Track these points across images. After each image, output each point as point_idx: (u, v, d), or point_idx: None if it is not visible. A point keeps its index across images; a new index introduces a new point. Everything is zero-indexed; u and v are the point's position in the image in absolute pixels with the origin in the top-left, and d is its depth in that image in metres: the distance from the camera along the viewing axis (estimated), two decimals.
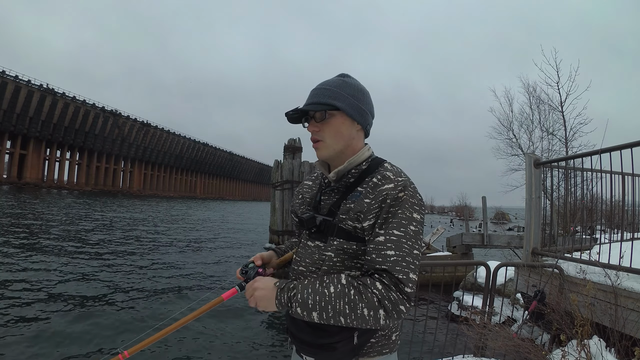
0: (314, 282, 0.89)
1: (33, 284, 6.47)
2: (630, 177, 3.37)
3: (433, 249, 10.95)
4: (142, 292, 6.65)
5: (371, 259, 0.88)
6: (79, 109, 63.65)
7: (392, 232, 0.87)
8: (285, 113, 0.99)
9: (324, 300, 0.85)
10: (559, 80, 9.93)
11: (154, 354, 4.21)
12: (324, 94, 0.96)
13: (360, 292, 0.84)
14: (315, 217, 0.99)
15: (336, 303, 0.84)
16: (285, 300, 0.89)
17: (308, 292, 0.87)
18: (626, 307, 2.39)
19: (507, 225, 37.09)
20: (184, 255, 10.95)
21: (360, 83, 1.02)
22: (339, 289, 0.85)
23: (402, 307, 0.83)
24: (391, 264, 0.85)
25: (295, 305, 0.87)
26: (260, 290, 0.92)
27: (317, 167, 1.08)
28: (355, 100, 0.97)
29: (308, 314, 0.86)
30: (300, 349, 1.00)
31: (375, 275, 0.86)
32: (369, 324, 0.84)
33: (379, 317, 0.82)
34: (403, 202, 0.89)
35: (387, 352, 0.98)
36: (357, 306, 0.83)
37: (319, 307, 0.85)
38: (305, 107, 0.96)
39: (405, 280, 0.84)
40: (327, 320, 0.85)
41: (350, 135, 0.99)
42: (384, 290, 0.83)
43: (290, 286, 0.90)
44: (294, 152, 12.54)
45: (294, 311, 0.88)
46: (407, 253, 0.86)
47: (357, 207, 0.92)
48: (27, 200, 28.57)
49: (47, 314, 5.09)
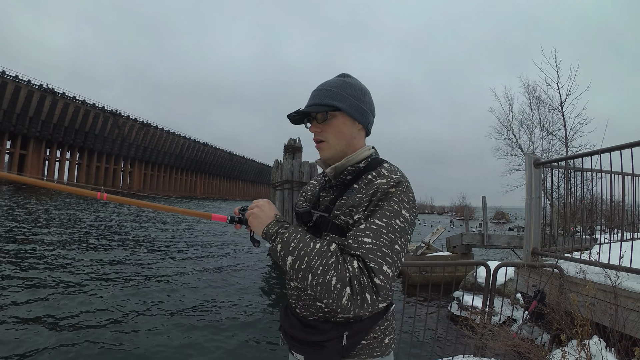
0: (305, 233, 0.92)
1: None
2: (630, 177, 3.37)
3: (433, 249, 10.96)
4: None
5: (348, 244, 0.88)
6: (79, 109, 63.64)
7: (373, 221, 0.87)
8: (288, 115, 1.00)
9: (304, 250, 0.86)
10: (559, 80, 9.95)
11: (153, 352, 4.21)
12: (324, 95, 0.97)
13: (338, 262, 0.84)
14: (311, 212, 1.00)
15: (313, 258, 0.84)
16: (272, 231, 0.93)
17: (295, 236, 0.89)
18: (626, 307, 2.39)
19: (507, 225, 37.09)
20: (183, 253, 10.95)
21: (360, 82, 1.03)
22: (323, 249, 0.86)
23: (368, 296, 0.81)
24: (365, 251, 0.84)
25: (278, 240, 0.90)
26: (262, 210, 0.97)
27: (318, 164, 1.09)
28: (355, 100, 0.99)
29: (284, 256, 0.88)
30: (291, 346, 1.01)
31: (353, 256, 0.85)
32: (332, 297, 0.82)
33: (343, 295, 0.81)
34: (392, 196, 0.89)
35: (379, 355, 0.97)
36: (329, 272, 0.82)
37: (297, 253, 0.86)
38: (306, 109, 0.97)
39: (376, 270, 0.82)
40: (296, 272, 0.86)
41: (351, 135, 1.01)
42: (357, 270, 0.82)
43: (285, 225, 0.94)
44: (294, 152, 12.54)
45: (274, 246, 0.90)
46: (384, 244, 0.84)
47: (350, 201, 0.94)
48: (26, 200, 28.57)
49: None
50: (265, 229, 0.94)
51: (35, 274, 7.11)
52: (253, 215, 0.97)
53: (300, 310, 0.99)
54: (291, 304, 1.04)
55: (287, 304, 1.07)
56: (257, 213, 0.97)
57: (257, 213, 0.97)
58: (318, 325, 0.94)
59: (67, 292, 6.15)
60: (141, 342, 4.48)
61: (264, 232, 0.95)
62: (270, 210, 0.98)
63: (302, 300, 0.99)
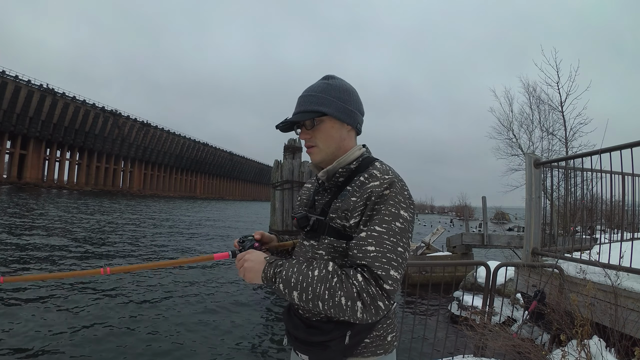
0: (300, 263, 0.91)
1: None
2: (630, 177, 3.37)
3: (433, 249, 10.95)
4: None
5: (352, 254, 0.89)
6: (79, 109, 63.65)
7: (373, 228, 0.88)
8: (276, 126, 1.01)
9: (306, 281, 0.86)
10: (559, 80, 9.95)
11: (154, 351, 4.21)
12: (310, 101, 0.98)
13: (342, 281, 0.84)
14: (308, 216, 1.01)
15: (317, 286, 0.85)
16: (270, 274, 0.91)
17: (293, 270, 0.89)
18: (626, 307, 2.39)
19: (507, 225, 37.07)
20: (181, 253, 10.95)
21: (345, 82, 1.03)
22: (323, 273, 0.86)
23: (381, 304, 0.83)
24: (371, 260, 0.85)
25: (278, 281, 0.89)
26: (250, 262, 0.95)
27: (311, 168, 1.11)
28: (341, 102, 0.99)
29: (289, 292, 0.88)
30: (295, 347, 1.02)
31: (357, 268, 0.87)
32: (347, 315, 0.84)
33: (356, 310, 0.82)
34: (388, 199, 0.89)
35: (382, 353, 0.98)
36: (336, 293, 0.83)
37: (300, 287, 0.86)
38: (293, 119, 0.98)
39: (384, 276, 0.84)
40: (305, 303, 0.87)
41: (341, 137, 1.01)
42: (363, 283, 0.83)
43: (279, 262, 0.93)
44: (294, 152, 12.55)
45: (277, 287, 0.90)
46: (388, 249, 0.86)
47: (344, 205, 0.94)
48: (24, 200, 28.56)
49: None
50: (262, 276, 0.93)
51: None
52: (246, 270, 0.96)
53: (303, 311, 0.99)
54: (293, 305, 1.03)
55: (290, 305, 1.06)
56: (248, 266, 0.95)
57: (248, 266, 0.95)
58: (321, 326, 0.94)
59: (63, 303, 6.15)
60: (142, 342, 4.48)
61: (263, 280, 0.94)
62: (257, 257, 0.96)
63: None
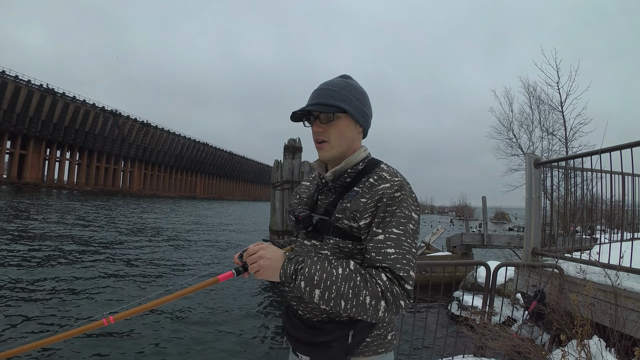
0: (322, 260, 0.89)
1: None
2: (630, 177, 3.37)
3: (433, 249, 10.95)
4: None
5: (371, 257, 0.88)
6: (79, 109, 63.62)
7: (391, 231, 0.88)
8: (293, 112, 0.98)
9: (330, 279, 0.84)
10: (559, 80, 9.96)
11: (153, 352, 4.21)
12: (330, 95, 0.96)
13: (366, 280, 0.84)
14: (312, 216, 0.99)
15: (341, 285, 0.84)
16: (291, 271, 0.87)
17: (316, 268, 0.86)
18: (626, 307, 2.39)
19: (507, 225, 37.10)
20: (183, 253, 10.95)
21: (361, 85, 1.03)
22: (347, 272, 0.86)
23: (402, 303, 0.85)
24: (392, 262, 0.86)
25: (300, 278, 0.86)
26: (267, 258, 0.88)
27: (314, 167, 1.08)
28: (359, 104, 0.99)
29: (311, 290, 0.85)
30: (296, 348, 1.01)
31: (379, 269, 0.87)
32: (368, 314, 0.84)
33: (379, 308, 0.83)
34: (401, 202, 0.91)
35: (383, 351, 0.99)
36: (361, 292, 0.83)
37: (323, 285, 0.84)
38: (314, 108, 0.96)
39: (406, 277, 0.86)
40: (327, 302, 0.85)
41: (353, 138, 1.01)
42: (388, 282, 0.84)
43: (299, 259, 0.88)
44: (294, 152, 12.55)
45: (297, 284, 0.86)
46: (406, 251, 0.88)
47: (354, 206, 0.93)
48: (23, 200, 28.56)
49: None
50: (281, 272, 0.87)
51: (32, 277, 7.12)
52: (262, 267, 0.87)
53: (303, 312, 0.99)
54: (292, 305, 1.03)
55: (288, 306, 1.05)
56: (265, 263, 0.87)
57: (265, 263, 0.87)
58: (322, 326, 0.93)
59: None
60: (141, 342, 4.48)
61: (281, 277, 0.88)
62: (274, 252, 0.89)
63: (305, 302, 0.98)
